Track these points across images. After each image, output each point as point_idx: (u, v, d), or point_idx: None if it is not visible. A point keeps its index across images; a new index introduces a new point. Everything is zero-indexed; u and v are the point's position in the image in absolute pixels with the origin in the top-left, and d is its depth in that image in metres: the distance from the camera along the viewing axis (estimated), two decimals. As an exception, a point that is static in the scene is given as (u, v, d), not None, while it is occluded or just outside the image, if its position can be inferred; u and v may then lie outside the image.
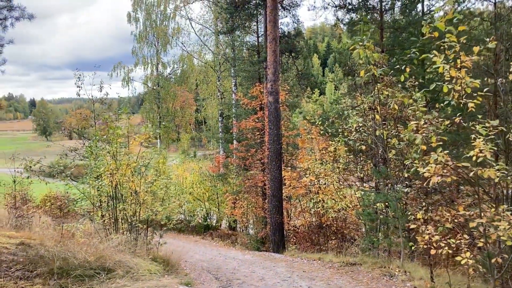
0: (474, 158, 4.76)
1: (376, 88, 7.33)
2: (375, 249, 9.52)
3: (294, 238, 15.20)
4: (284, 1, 19.29)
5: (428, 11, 16.48)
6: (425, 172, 4.95)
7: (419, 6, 16.38)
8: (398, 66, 6.64)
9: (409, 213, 7.49)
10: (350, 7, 16.68)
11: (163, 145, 34.66)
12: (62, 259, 5.96)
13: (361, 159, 11.99)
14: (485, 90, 5.10)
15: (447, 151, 4.99)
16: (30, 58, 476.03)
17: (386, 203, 8.91)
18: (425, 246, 5.33)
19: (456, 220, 5.32)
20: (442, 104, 6.34)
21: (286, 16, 20.23)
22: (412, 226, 5.84)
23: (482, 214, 4.96)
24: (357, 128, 9.63)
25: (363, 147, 9.77)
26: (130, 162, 8.63)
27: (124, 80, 35.28)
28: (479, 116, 5.40)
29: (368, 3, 16.37)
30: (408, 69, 6.19)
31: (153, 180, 9.26)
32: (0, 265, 5.69)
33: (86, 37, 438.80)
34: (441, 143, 5.06)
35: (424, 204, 7.07)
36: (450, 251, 4.98)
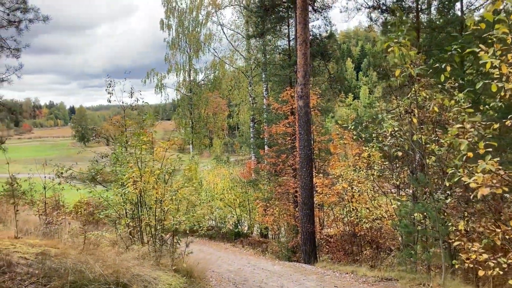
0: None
1: (413, 89, 6.75)
2: (413, 263, 8.87)
3: (327, 247, 14.62)
4: (315, 4, 18.81)
5: (467, 9, 15.64)
6: (471, 182, 4.37)
7: (458, 4, 15.55)
8: (437, 65, 6.07)
9: (450, 224, 6.87)
10: (384, 7, 16.03)
11: (195, 150, 34.64)
12: (78, 272, 5.68)
13: (397, 165, 11.31)
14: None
15: (497, 159, 4.39)
16: (71, 67, 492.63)
17: (425, 214, 8.26)
18: (470, 265, 4.73)
19: (507, 237, 4.69)
20: (487, 106, 5.71)
21: (318, 19, 19.75)
22: (456, 243, 5.23)
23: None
24: (392, 132, 9.03)
25: (399, 153, 9.15)
26: (154, 169, 8.34)
27: (157, 87, 35.58)
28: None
29: (404, 3, 15.67)
30: (448, 68, 5.61)
31: (178, 188, 8.94)
32: (15, 278, 5.46)
33: (124, 46, 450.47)
34: (490, 149, 4.47)
35: (466, 213, 6.44)
36: (500, 272, 4.37)
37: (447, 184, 6.84)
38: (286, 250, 15.24)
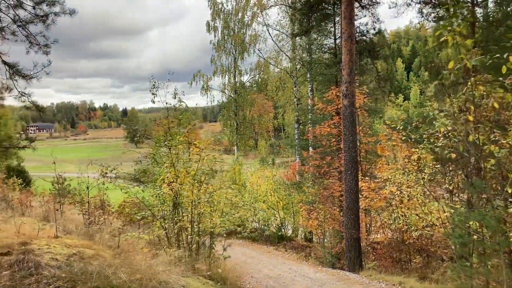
0: None
1: (469, 83, 6.05)
2: (468, 277, 8.07)
3: (373, 254, 13.87)
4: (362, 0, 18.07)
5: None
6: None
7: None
8: (496, 56, 5.37)
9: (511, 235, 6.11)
10: (436, 1, 15.07)
11: (240, 152, 34.51)
12: (104, 277, 5.44)
13: (450, 169, 10.45)
14: None
15: None
16: (124, 71, 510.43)
17: (482, 223, 7.47)
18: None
19: None
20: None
21: (365, 16, 18.96)
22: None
23: None
24: (445, 133, 8.28)
25: (453, 155, 8.37)
26: (189, 170, 8.06)
27: (203, 89, 35.76)
28: None
29: (458, -4, 14.64)
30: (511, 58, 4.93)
31: (214, 190, 8.62)
32: (40, 281, 5.29)
33: (174, 50, 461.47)
34: None
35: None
36: None
37: (509, 191, 6.09)
38: (330, 256, 14.62)
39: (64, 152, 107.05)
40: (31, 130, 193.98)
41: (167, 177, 7.87)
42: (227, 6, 35.32)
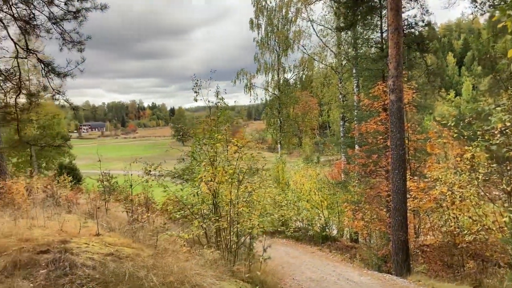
0: None
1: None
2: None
3: (422, 257, 13.15)
4: (411, -9, 17.25)
5: None
6: None
7: None
8: None
9: None
10: (492, -11, 14.13)
11: (283, 150, 34.17)
12: (137, 278, 5.30)
13: (508, 168, 9.67)
14: None
15: None
16: (170, 71, 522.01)
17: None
18: None
19: None
20: None
21: (413, 8, 18.10)
22: None
23: None
24: (502, 129, 7.62)
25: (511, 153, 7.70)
26: (227, 168, 7.83)
27: (246, 87, 35.72)
28: None
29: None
30: None
31: (253, 189, 8.35)
32: (74, 282, 5.22)
33: (219, 49, 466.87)
34: None
35: None
36: None
37: None
38: (376, 258, 14.04)
39: (114, 150, 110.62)
40: (84, 129, 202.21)
41: (204, 176, 7.68)
42: (271, 3, 35.13)
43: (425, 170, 12.95)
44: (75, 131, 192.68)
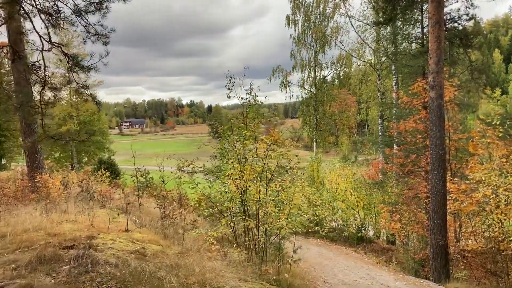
0: None
1: None
2: None
3: (463, 262, 12.46)
4: (454, -17, 16.40)
5: None
6: None
7: None
8: None
9: None
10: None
11: (319, 149, 33.61)
12: (157, 279, 5.14)
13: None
14: None
15: None
16: (209, 69, 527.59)
17: None
18: None
19: None
20: None
21: (457, 1, 17.22)
22: None
23: None
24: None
25: None
26: (255, 166, 7.58)
27: (282, 84, 35.34)
28: None
29: None
30: None
31: (282, 188, 8.07)
32: (94, 279, 5.11)
33: (256, 47, 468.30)
34: None
35: None
36: None
37: None
38: (413, 262, 13.46)
39: (152, 146, 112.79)
40: (125, 125, 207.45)
41: (231, 174, 7.48)
42: (308, -1, 34.55)
43: (467, 171, 12.24)
44: (116, 127, 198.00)
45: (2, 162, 35.11)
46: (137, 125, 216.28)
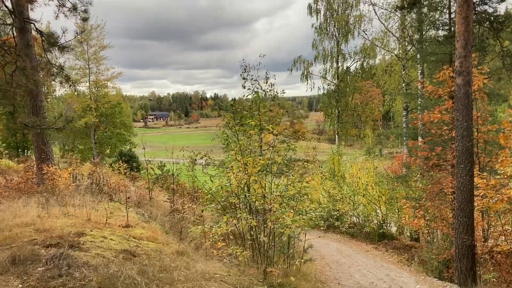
0: None
1: None
2: None
3: (492, 264, 11.51)
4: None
5: None
6: None
7: None
8: None
9: None
10: None
11: (342, 141, 32.63)
12: (132, 285, 4.53)
13: None
14: None
15: None
16: (232, 62, 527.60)
17: None
18: None
19: None
20: None
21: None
22: None
23: None
24: None
25: None
26: (258, 159, 6.91)
27: (303, 75, 34.43)
28: None
29: None
30: None
31: (290, 183, 7.38)
32: (66, 284, 4.56)
33: (280, 39, 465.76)
34: None
35: None
36: None
37: None
38: (437, 262, 12.57)
39: (176, 139, 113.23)
40: (150, 118, 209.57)
41: (231, 167, 6.84)
42: (331, -14, 33.44)
43: (497, 165, 11.27)
44: (142, 120, 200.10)
45: (28, 155, 35.43)
46: (161, 118, 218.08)
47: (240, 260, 7.21)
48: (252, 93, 8.61)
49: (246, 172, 6.93)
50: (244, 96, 7.98)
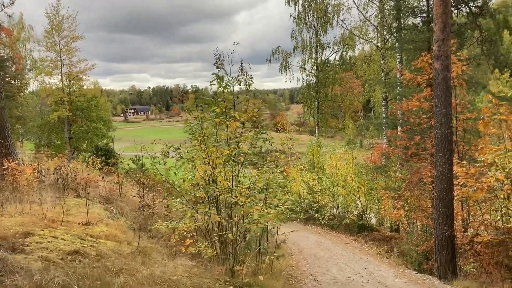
0: None
1: None
2: None
3: (472, 255, 11.21)
4: None
5: None
6: None
7: None
8: None
9: None
10: None
11: (321, 132, 32.29)
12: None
13: None
14: None
15: None
16: (214, 55, 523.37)
17: None
18: None
19: None
20: None
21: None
22: None
23: None
24: None
25: None
26: (222, 149, 6.36)
27: (281, 65, 33.88)
28: None
29: None
30: None
31: (257, 175, 6.86)
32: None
33: (261, 31, 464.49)
34: None
35: None
36: None
37: None
38: (416, 254, 12.25)
39: (156, 133, 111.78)
40: (130, 112, 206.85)
41: (193, 157, 6.29)
42: (309, -26, 32.88)
43: (477, 153, 10.92)
44: (122, 114, 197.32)
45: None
46: (142, 112, 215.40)
47: (206, 259, 6.69)
48: (216, 78, 8.02)
49: (210, 163, 6.39)
50: (209, 83, 7.38)
